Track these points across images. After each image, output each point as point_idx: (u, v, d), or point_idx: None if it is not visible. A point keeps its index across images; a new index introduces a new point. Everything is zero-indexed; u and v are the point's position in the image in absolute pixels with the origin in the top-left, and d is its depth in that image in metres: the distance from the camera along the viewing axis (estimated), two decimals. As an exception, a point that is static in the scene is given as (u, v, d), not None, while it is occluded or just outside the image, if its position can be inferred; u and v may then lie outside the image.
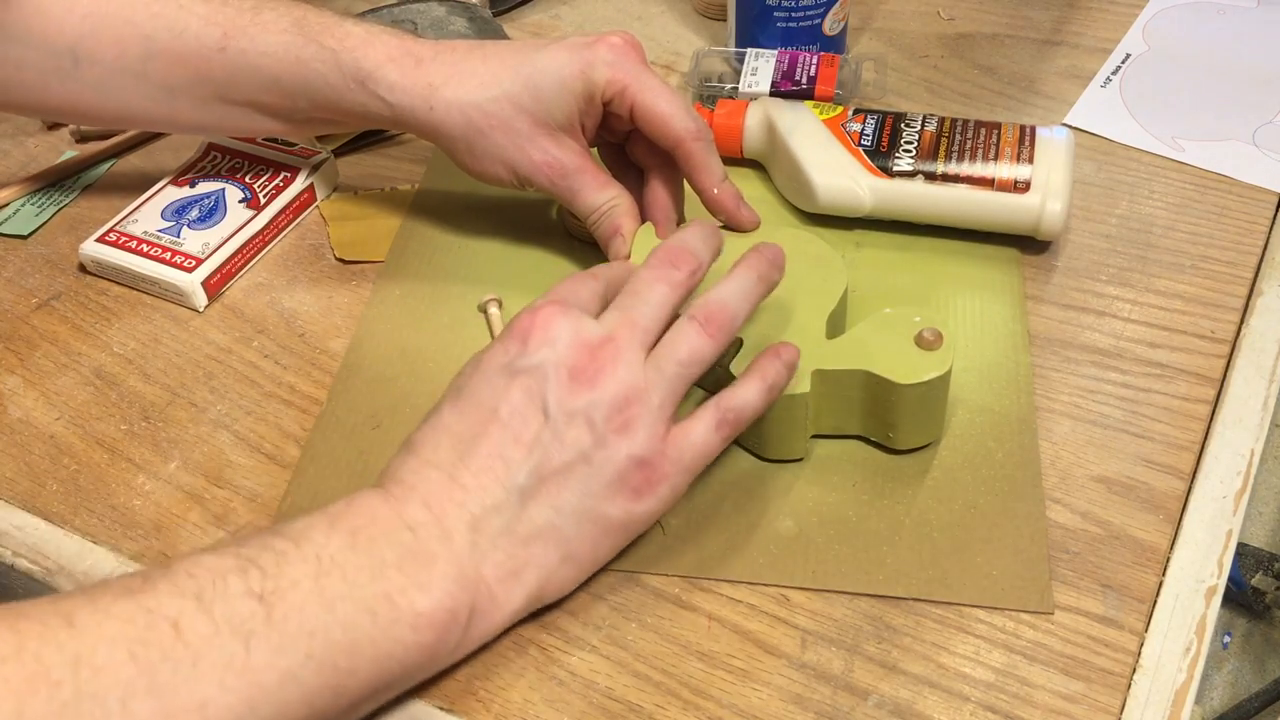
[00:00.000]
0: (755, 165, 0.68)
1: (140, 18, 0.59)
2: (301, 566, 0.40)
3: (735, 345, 0.51)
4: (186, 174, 0.67)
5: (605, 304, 0.48)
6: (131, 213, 0.64)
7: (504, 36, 0.76)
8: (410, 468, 0.44)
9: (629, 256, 0.55)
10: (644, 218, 0.58)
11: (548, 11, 0.83)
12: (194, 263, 0.61)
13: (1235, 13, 0.80)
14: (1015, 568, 0.48)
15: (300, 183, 0.66)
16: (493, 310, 0.59)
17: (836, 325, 0.53)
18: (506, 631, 0.46)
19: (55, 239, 0.66)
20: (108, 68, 0.60)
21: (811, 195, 0.62)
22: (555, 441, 0.44)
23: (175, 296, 0.61)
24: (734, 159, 0.67)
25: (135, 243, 0.62)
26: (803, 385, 0.49)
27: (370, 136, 0.72)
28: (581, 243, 0.62)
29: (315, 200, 0.67)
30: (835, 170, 0.62)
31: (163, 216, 0.64)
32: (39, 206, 0.68)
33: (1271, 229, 0.63)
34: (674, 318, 0.47)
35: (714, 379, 0.51)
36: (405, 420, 0.54)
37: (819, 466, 0.52)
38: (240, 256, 0.63)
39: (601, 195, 0.56)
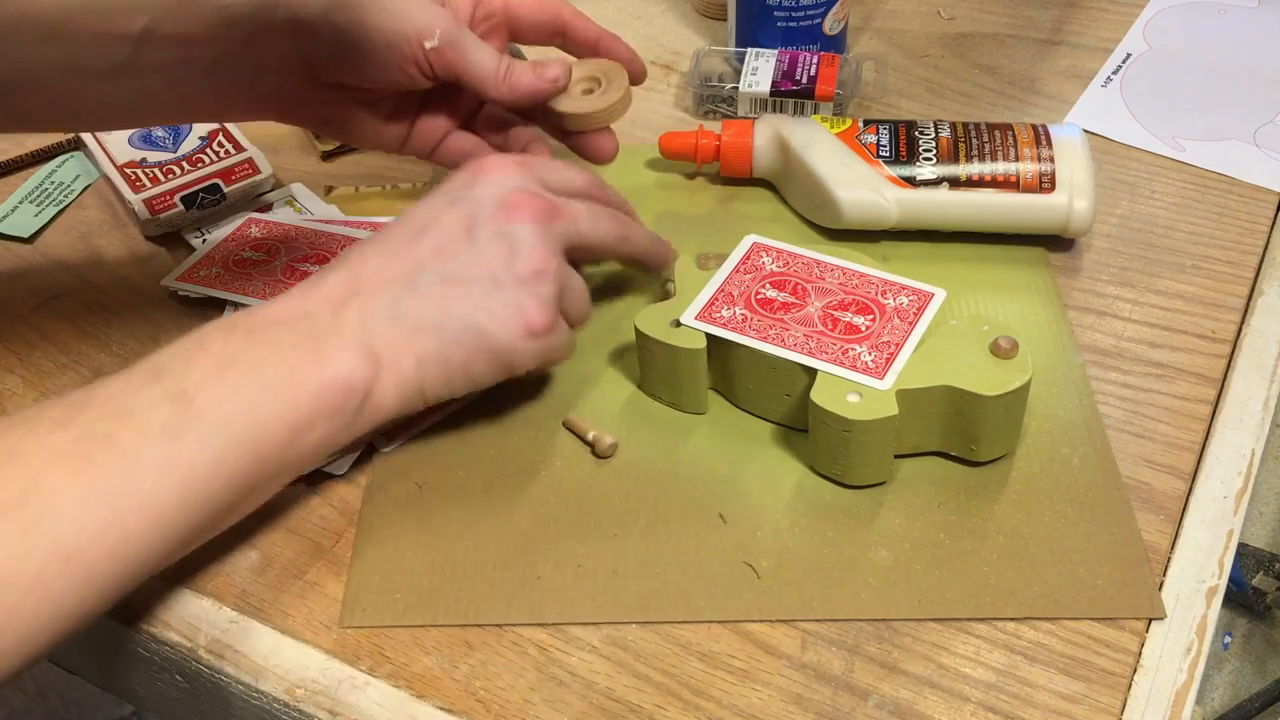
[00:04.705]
0: (764, 184, 0.66)
1: None
2: (203, 367, 0.43)
3: (810, 375, 0.50)
4: None
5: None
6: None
7: (504, 36, 0.76)
8: (334, 272, 0.47)
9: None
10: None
11: (548, 11, 0.83)
12: None
13: (1235, 13, 0.80)
14: (1118, 575, 0.47)
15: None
16: None
17: None
18: (506, 631, 0.46)
19: (55, 239, 0.66)
20: None
21: (836, 212, 0.61)
22: (472, 258, 0.47)
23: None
24: (742, 179, 0.66)
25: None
26: (889, 408, 0.48)
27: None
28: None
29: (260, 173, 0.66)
30: (858, 184, 0.61)
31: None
32: (38, 206, 0.68)
33: (1272, 229, 0.63)
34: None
35: (790, 409, 0.52)
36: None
37: (899, 490, 0.50)
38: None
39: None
